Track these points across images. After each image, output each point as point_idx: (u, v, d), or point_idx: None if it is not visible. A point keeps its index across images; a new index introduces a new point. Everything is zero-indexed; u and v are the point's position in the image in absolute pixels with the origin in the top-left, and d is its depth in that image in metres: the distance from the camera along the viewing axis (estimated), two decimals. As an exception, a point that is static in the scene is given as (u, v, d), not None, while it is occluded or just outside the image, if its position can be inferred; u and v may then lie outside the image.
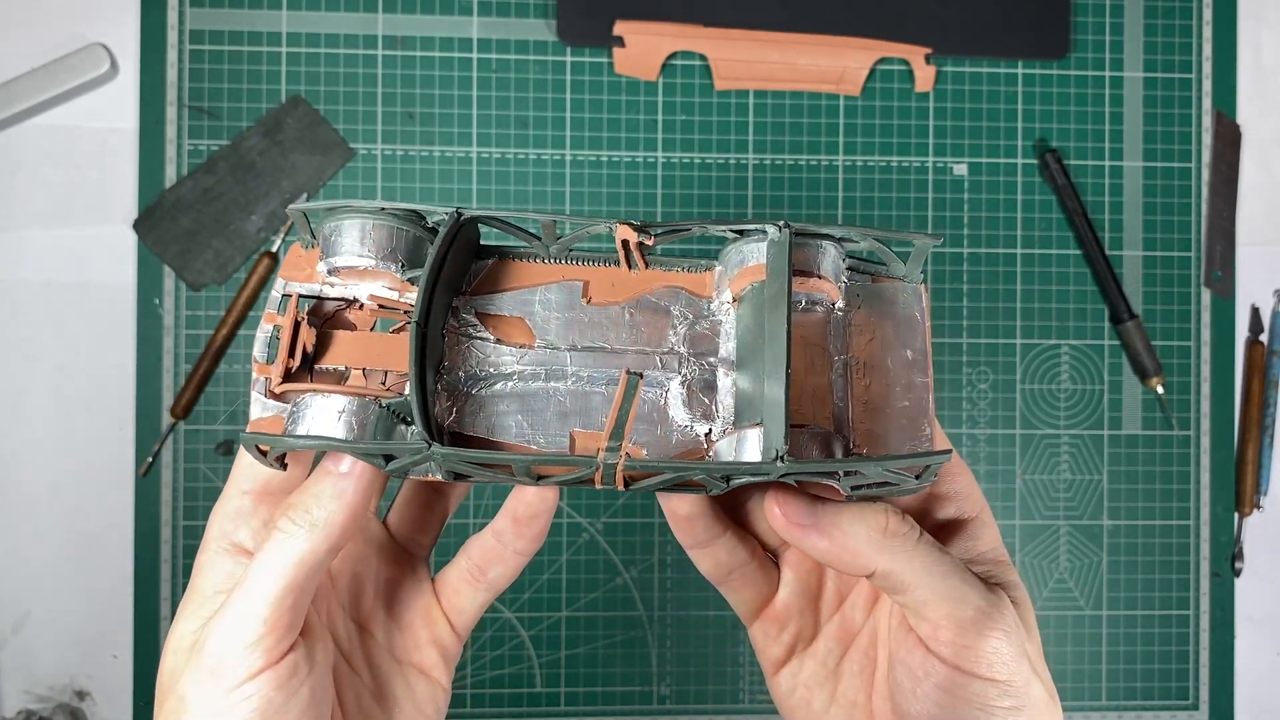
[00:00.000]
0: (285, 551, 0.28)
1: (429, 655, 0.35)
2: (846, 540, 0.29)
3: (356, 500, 0.29)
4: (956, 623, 0.29)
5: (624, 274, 0.33)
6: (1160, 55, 0.75)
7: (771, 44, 0.72)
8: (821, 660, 0.35)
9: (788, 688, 0.35)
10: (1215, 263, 0.75)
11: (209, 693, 0.28)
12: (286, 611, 0.28)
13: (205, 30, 0.70)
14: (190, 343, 0.70)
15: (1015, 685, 0.29)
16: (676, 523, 0.34)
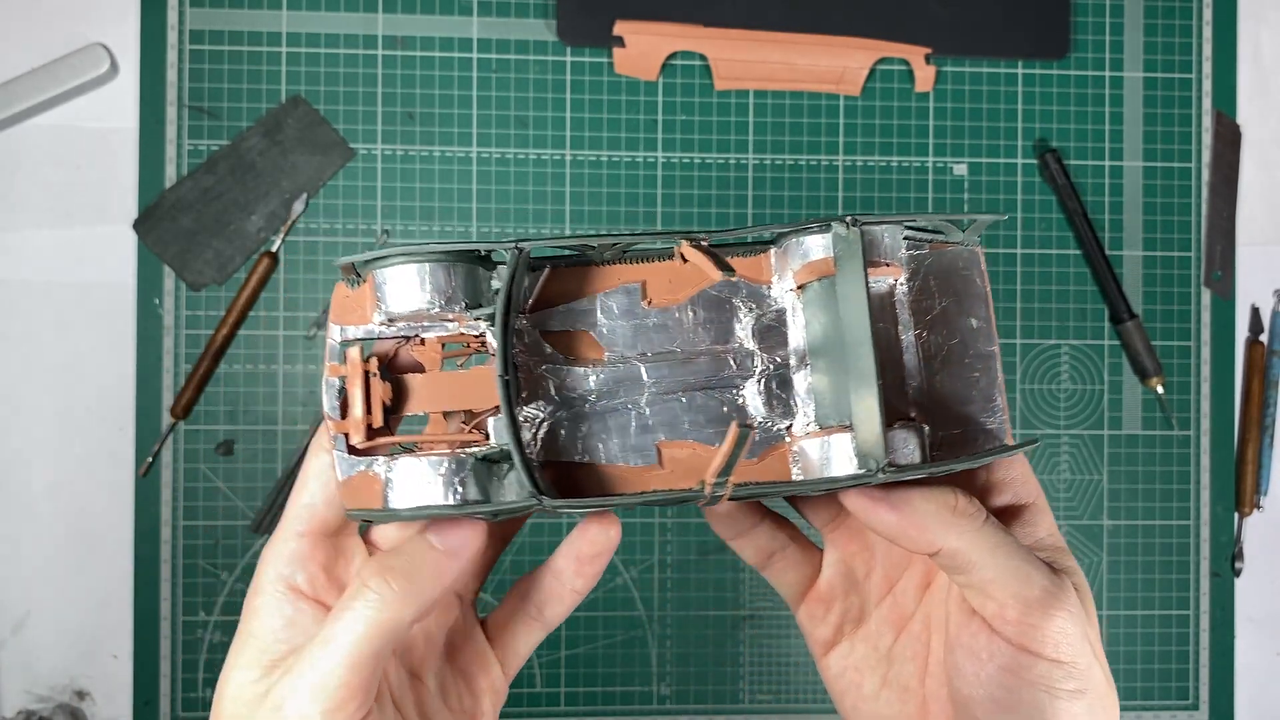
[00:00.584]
0: (374, 616, 0.28)
1: (482, 702, 0.34)
2: (916, 516, 0.29)
3: (456, 577, 0.29)
4: (1022, 602, 0.29)
5: (680, 268, 0.32)
6: (1160, 55, 0.75)
7: (771, 44, 0.72)
8: (873, 644, 0.35)
9: (837, 670, 0.35)
10: (1215, 263, 0.75)
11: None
12: (369, 677, 0.28)
13: (205, 30, 0.70)
14: (190, 343, 0.70)
15: (1079, 667, 0.29)
16: (715, 518, 0.34)
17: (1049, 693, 0.29)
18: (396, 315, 0.29)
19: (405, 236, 0.71)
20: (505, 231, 0.72)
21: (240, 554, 0.70)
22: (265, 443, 0.70)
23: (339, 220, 0.71)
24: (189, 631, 0.69)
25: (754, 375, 0.31)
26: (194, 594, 0.70)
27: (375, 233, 0.71)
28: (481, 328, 0.30)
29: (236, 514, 0.70)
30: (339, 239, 0.71)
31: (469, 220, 0.71)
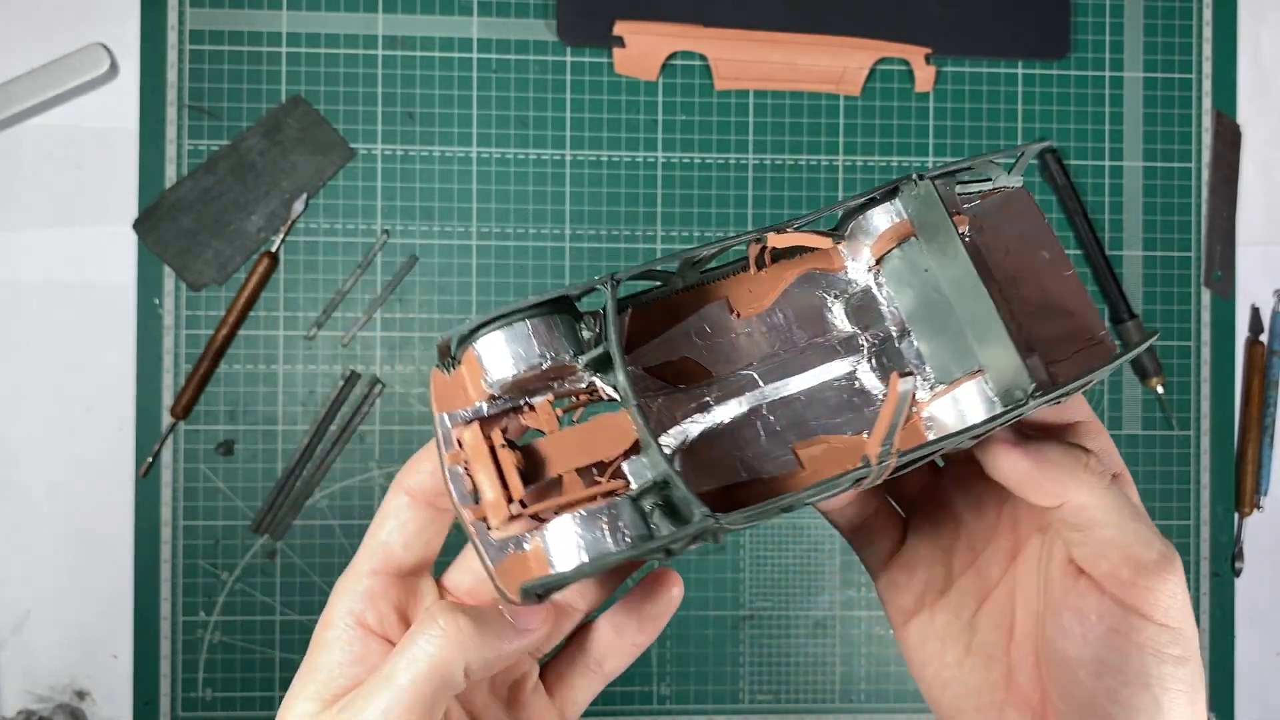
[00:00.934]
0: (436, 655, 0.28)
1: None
2: (1050, 467, 0.29)
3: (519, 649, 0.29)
4: (1137, 565, 0.29)
5: (756, 276, 0.31)
6: (1160, 55, 0.75)
7: (771, 44, 0.72)
8: (955, 613, 0.35)
9: (918, 639, 0.35)
10: (1215, 263, 0.75)
11: None
12: (426, 717, 0.28)
13: (205, 30, 0.70)
14: (190, 343, 0.70)
15: (1185, 634, 0.29)
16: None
17: (1156, 656, 0.29)
18: (503, 384, 0.28)
19: (405, 236, 0.71)
20: (506, 231, 0.72)
21: (240, 554, 0.70)
22: (265, 443, 0.70)
23: (339, 220, 0.71)
24: (189, 631, 0.69)
25: (862, 355, 0.31)
26: (194, 594, 0.70)
27: (375, 233, 0.71)
28: (588, 377, 0.29)
29: (236, 514, 0.70)
30: (339, 239, 0.71)
31: (469, 220, 0.71)
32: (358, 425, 0.71)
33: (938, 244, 0.29)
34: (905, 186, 0.30)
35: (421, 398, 0.71)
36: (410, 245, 0.71)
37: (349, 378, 0.71)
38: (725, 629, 0.72)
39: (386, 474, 0.71)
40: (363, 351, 0.71)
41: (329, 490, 0.71)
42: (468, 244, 0.72)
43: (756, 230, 0.30)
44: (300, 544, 0.70)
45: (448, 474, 0.28)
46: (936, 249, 0.29)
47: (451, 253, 0.71)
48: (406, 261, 0.71)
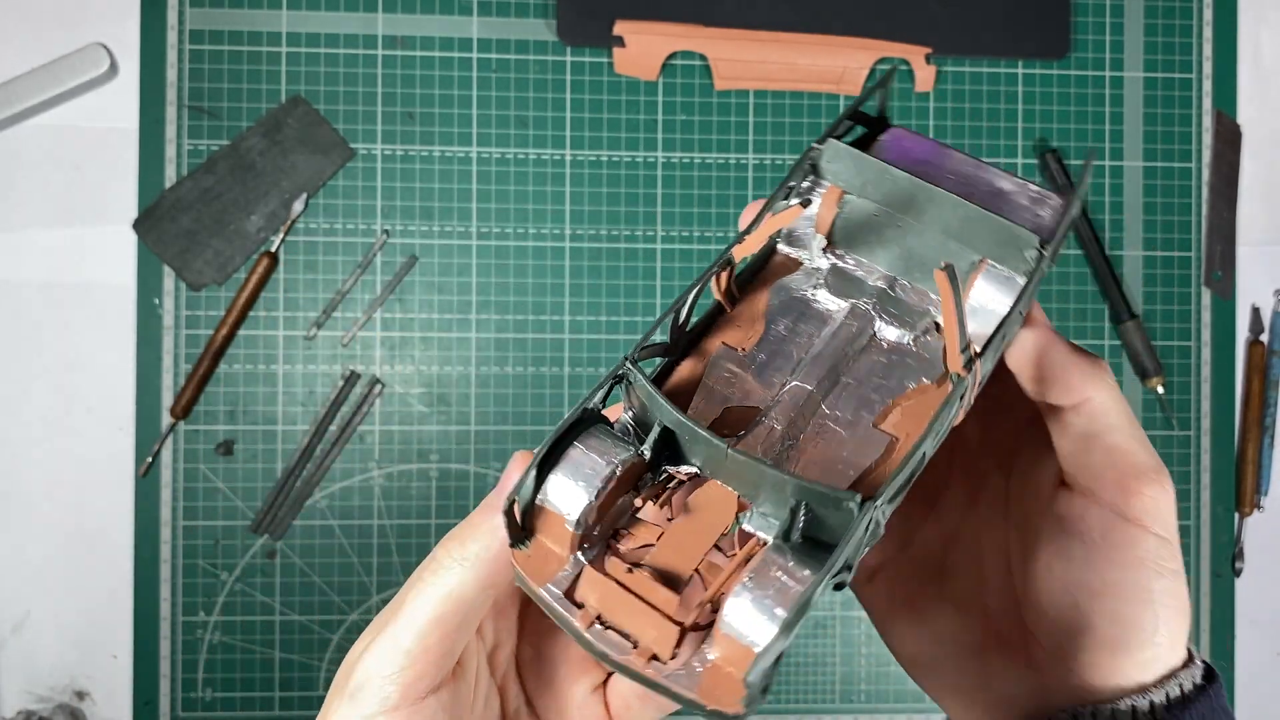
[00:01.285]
0: (438, 583, 0.27)
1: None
2: (1082, 360, 0.29)
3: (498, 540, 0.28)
4: (1141, 471, 0.29)
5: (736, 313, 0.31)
6: (1160, 55, 0.75)
7: (771, 44, 0.72)
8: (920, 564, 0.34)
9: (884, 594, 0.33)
10: (1215, 263, 0.75)
11: (346, 716, 0.27)
12: (431, 647, 0.27)
13: (205, 30, 0.70)
14: (190, 343, 0.70)
15: (1176, 547, 0.29)
16: None
17: (1156, 570, 0.29)
18: (587, 516, 0.25)
19: (405, 236, 0.71)
20: (506, 231, 0.72)
21: (240, 554, 0.70)
22: (265, 443, 0.70)
23: (339, 220, 0.71)
24: (189, 631, 0.69)
25: (871, 318, 0.30)
26: (194, 594, 0.70)
27: (375, 233, 0.71)
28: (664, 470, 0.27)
29: (236, 514, 0.70)
30: (339, 239, 0.71)
31: (469, 220, 0.71)
32: (358, 425, 0.71)
33: (873, 183, 0.29)
34: (814, 155, 0.30)
35: (421, 398, 0.71)
36: (410, 245, 0.71)
37: (349, 378, 0.71)
38: (725, 629, 0.72)
39: (386, 474, 0.71)
40: (363, 351, 0.71)
41: (329, 490, 0.71)
42: (468, 244, 0.71)
43: (716, 264, 0.29)
44: (300, 544, 0.70)
45: (589, 639, 0.25)
46: (874, 188, 0.29)
47: (451, 253, 0.71)
48: (406, 261, 0.71)
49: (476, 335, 0.71)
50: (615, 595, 0.25)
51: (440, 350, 0.71)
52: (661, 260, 0.72)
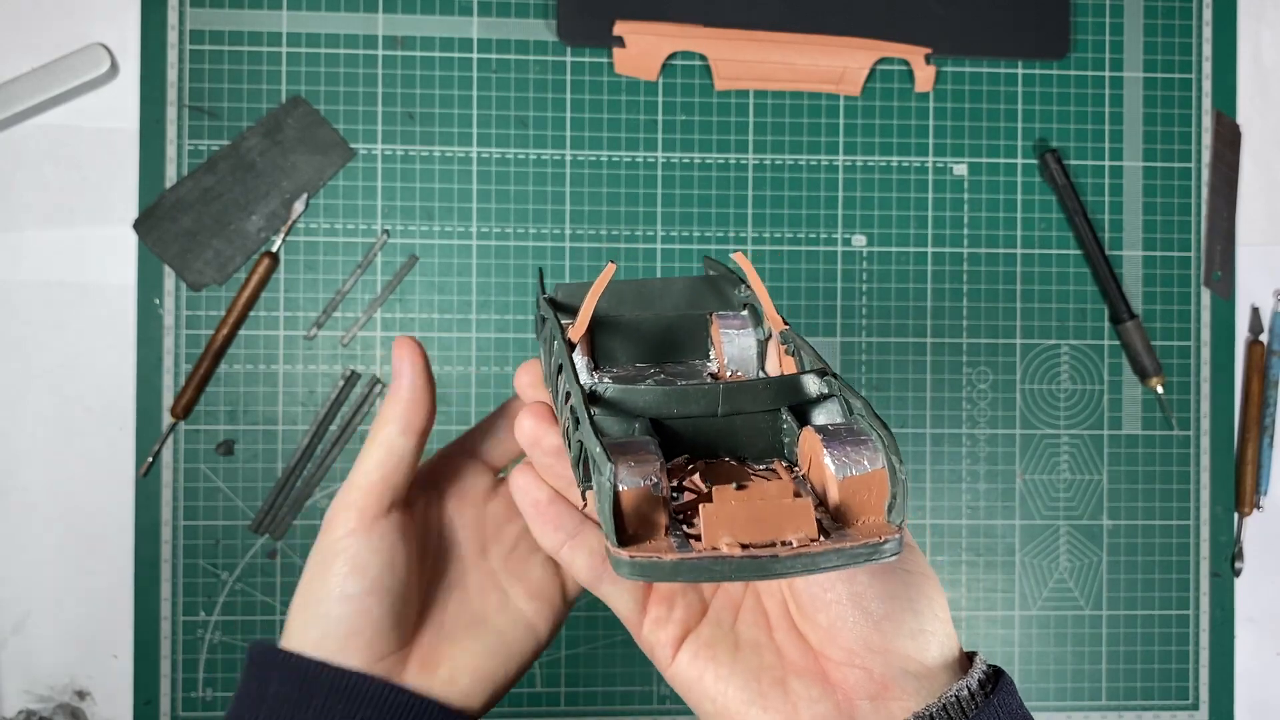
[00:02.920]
0: (375, 440, 0.38)
1: (530, 605, 0.41)
2: None
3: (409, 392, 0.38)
4: None
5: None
6: (1160, 55, 0.75)
7: (771, 44, 0.72)
8: (716, 624, 0.35)
9: (688, 659, 0.35)
10: (1215, 263, 0.75)
11: (322, 541, 0.38)
12: (376, 483, 0.38)
13: (205, 30, 0.70)
14: (190, 343, 0.70)
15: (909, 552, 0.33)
16: (539, 513, 0.35)
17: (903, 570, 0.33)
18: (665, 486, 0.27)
19: (405, 236, 0.71)
20: (506, 231, 0.72)
21: (240, 554, 0.70)
22: (265, 443, 0.70)
23: (339, 220, 0.71)
24: (189, 631, 0.69)
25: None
26: (194, 594, 0.70)
27: (375, 233, 0.71)
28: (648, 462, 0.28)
29: (236, 514, 0.70)
30: (339, 239, 0.71)
31: (469, 220, 0.71)
32: (358, 425, 0.71)
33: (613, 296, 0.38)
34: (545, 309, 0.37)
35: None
36: (410, 245, 0.71)
37: (349, 378, 0.71)
38: (725, 629, 0.72)
39: (386, 474, 0.71)
40: (363, 351, 0.71)
41: (329, 490, 0.71)
42: (468, 244, 0.72)
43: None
44: (300, 544, 0.70)
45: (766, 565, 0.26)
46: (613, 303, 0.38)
47: (451, 253, 0.71)
48: (406, 261, 0.71)
49: (476, 335, 0.71)
50: (741, 520, 0.26)
51: (440, 350, 0.71)
52: (661, 260, 0.72)
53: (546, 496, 0.35)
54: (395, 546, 0.38)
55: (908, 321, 0.74)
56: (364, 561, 0.37)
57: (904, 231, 0.74)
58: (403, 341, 0.39)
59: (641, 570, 0.26)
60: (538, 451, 0.34)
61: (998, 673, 0.33)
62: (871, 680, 0.32)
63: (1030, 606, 0.74)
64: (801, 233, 0.73)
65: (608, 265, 0.33)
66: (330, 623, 0.37)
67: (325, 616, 0.37)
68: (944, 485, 0.74)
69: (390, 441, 0.38)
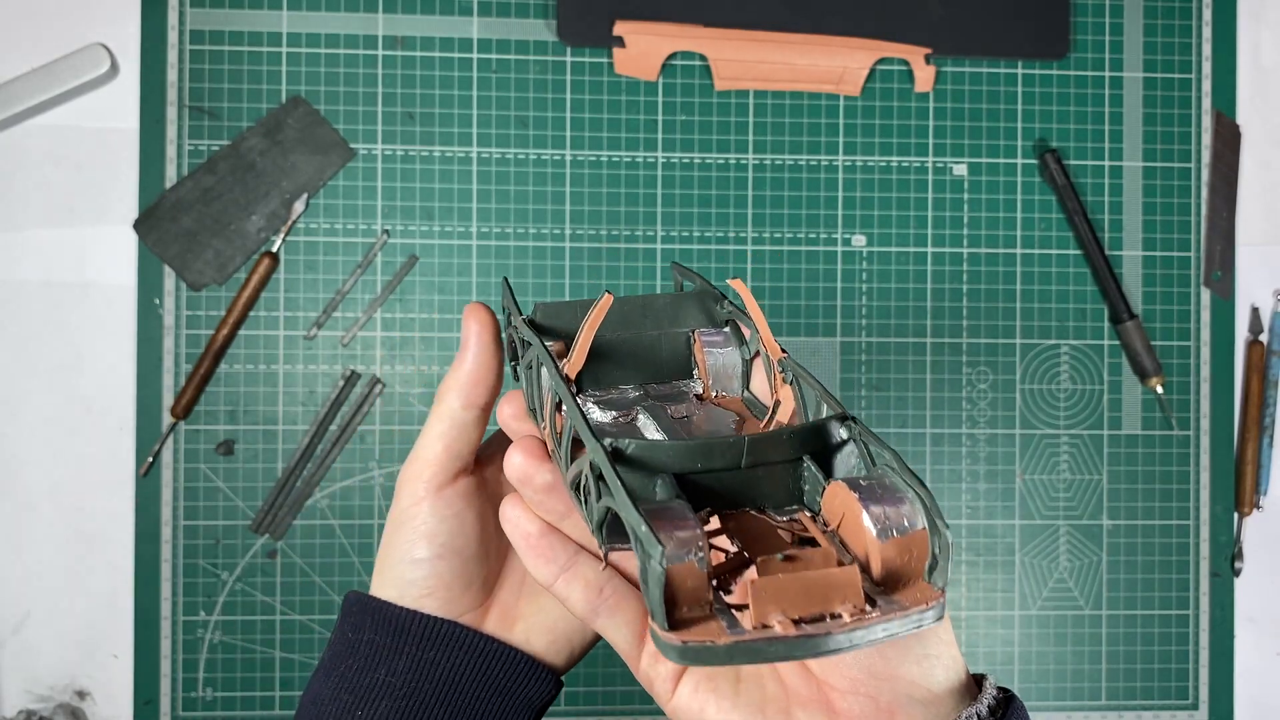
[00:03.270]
0: (438, 413, 0.38)
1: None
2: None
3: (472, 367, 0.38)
4: None
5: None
6: (1160, 55, 0.75)
7: (771, 44, 0.72)
8: None
9: (689, 693, 0.34)
10: (1215, 263, 0.75)
11: (395, 509, 0.39)
12: (440, 453, 0.38)
13: (205, 30, 0.70)
14: (190, 343, 0.70)
15: None
16: (530, 547, 0.34)
17: None
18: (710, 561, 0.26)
19: (405, 236, 0.71)
20: (506, 231, 0.72)
21: (240, 554, 0.70)
22: (265, 443, 0.70)
23: (339, 220, 0.71)
24: (189, 631, 0.69)
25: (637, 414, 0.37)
26: (194, 594, 0.70)
27: (375, 233, 0.71)
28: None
29: (236, 514, 0.70)
30: (339, 239, 0.71)
31: (469, 220, 0.71)
32: (358, 425, 0.71)
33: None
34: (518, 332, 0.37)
35: (421, 397, 0.71)
36: (410, 245, 0.71)
37: (349, 378, 0.71)
38: (725, 629, 0.72)
39: (387, 473, 0.71)
40: (363, 351, 0.71)
41: (329, 490, 0.71)
42: (468, 244, 0.72)
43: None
44: (300, 544, 0.70)
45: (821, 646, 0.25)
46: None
47: (451, 253, 0.71)
48: (406, 261, 0.71)
49: (477, 335, 0.71)
50: (790, 593, 0.25)
51: (440, 350, 0.71)
52: (661, 260, 0.72)
53: (537, 529, 0.34)
54: (463, 513, 0.38)
55: (908, 321, 0.74)
56: (431, 529, 0.38)
57: (904, 231, 0.74)
58: (473, 309, 0.38)
59: (695, 655, 0.24)
60: (529, 489, 0.34)
61: (1008, 696, 0.32)
62: (878, 708, 0.31)
63: (1030, 606, 0.74)
64: (801, 233, 0.73)
65: (604, 296, 0.33)
66: (404, 584, 0.38)
67: (400, 579, 0.38)
68: (944, 485, 0.74)
69: (452, 414, 0.38)
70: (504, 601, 0.40)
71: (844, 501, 0.28)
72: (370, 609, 0.39)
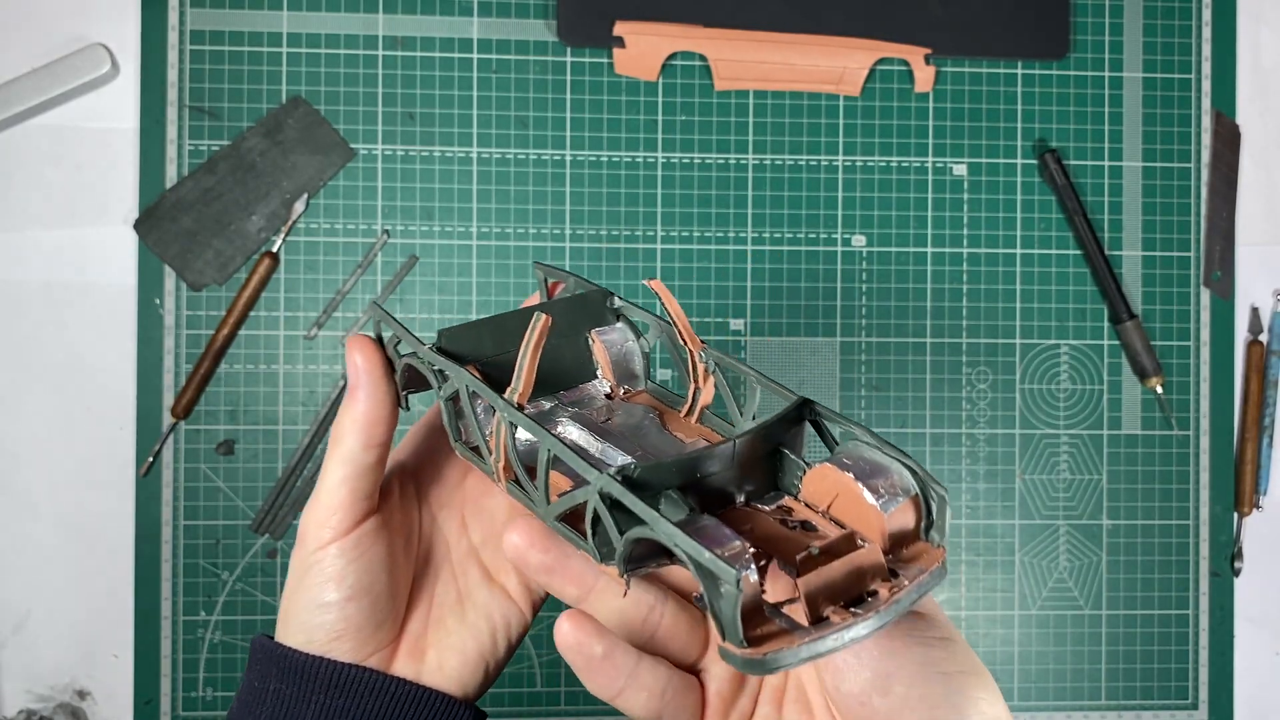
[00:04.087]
0: (336, 455, 0.37)
1: (512, 578, 0.40)
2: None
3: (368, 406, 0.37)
4: None
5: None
6: (1160, 55, 0.75)
7: (771, 44, 0.72)
8: (764, 717, 0.36)
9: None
10: (1215, 263, 0.75)
11: (297, 554, 0.38)
12: (344, 497, 0.37)
13: (205, 30, 0.70)
14: (191, 343, 0.70)
15: (940, 621, 0.32)
16: (597, 667, 0.33)
17: (922, 643, 0.31)
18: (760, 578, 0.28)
19: (405, 236, 0.71)
20: (506, 231, 0.72)
21: (240, 554, 0.70)
22: (265, 443, 0.70)
23: (339, 220, 0.71)
24: (189, 631, 0.69)
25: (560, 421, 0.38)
26: (194, 594, 0.70)
27: (375, 233, 0.71)
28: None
29: (236, 514, 0.70)
30: (339, 239, 0.71)
31: (469, 220, 0.71)
32: (358, 425, 0.71)
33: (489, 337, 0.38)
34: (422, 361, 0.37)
35: (423, 398, 0.71)
36: (410, 245, 0.71)
37: (349, 378, 0.71)
38: (725, 629, 0.72)
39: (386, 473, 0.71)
40: (363, 351, 0.71)
41: (329, 490, 0.71)
42: (468, 244, 0.72)
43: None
44: (300, 544, 0.70)
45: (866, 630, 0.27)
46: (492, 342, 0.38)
47: (451, 253, 0.71)
48: (407, 262, 0.71)
49: (477, 335, 0.71)
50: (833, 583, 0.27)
51: (440, 350, 0.71)
52: (661, 260, 0.72)
53: (603, 650, 0.33)
54: (371, 552, 0.37)
55: (907, 321, 0.74)
56: (339, 571, 0.37)
57: (904, 231, 0.74)
58: (357, 343, 0.37)
59: (776, 662, 0.26)
60: (525, 568, 0.34)
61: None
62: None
63: (1030, 606, 0.74)
64: (801, 233, 0.73)
65: (542, 319, 0.32)
66: (312, 629, 0.37)
67: (307, 624, 0.37)
68: (944, 485, 0.74)
69: (354, 456, 0.37)
70: (413, 633, 0.39)
71: (835, 482, 0.29)
72: (275, 656, 0.38)
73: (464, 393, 0.34)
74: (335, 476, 0.37)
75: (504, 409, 0.32)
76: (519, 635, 0.40)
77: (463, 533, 0.41)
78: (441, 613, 0.39)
